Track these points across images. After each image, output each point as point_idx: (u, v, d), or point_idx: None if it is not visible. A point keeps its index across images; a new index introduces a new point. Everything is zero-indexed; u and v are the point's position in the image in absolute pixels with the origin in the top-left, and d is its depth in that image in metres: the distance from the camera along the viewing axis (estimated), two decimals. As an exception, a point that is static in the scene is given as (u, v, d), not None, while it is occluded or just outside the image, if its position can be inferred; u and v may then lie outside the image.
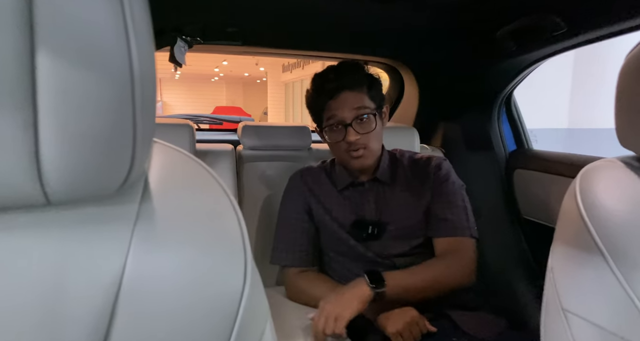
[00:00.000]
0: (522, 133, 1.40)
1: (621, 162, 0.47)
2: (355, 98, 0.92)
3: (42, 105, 0.22)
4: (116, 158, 0.25)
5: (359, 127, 0.92)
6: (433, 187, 0.97)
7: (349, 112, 0.92)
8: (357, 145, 0.92)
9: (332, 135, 0.95)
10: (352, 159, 0.94)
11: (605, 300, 0.40)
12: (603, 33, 0.88)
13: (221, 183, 0.37)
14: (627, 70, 0.45)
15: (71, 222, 0.27)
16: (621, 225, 0.41)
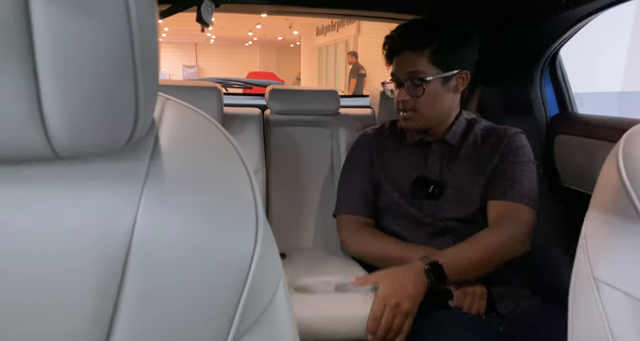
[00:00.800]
0: (566, 96, 1.30)
1: None
2: (412, 61, 0.92)
3: (40, 55, 0.21)
4: (118, 111, 0.25)
5: (410, 88, 0.93)
6: (501, 154, 0.95)
7: (403, 72, 0.93)
8: (405, 106, 0.94)
9: (390, 91, 1.01)
10: (402, 118, 0.97)
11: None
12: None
13: (233, 142, 0.36)
14: None
15: (80, 176, 0.27)
16: None
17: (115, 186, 0.28)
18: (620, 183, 0.40)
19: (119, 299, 0.27)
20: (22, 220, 0.26)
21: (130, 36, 0.23)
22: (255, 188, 0.33)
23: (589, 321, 0.41)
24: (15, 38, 0.21)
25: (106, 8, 0.22)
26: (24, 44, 0.21)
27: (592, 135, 1.11)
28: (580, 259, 0.44)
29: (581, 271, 0.43)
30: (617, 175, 0.41)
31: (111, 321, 0.27)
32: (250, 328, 0.31)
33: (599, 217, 0.43)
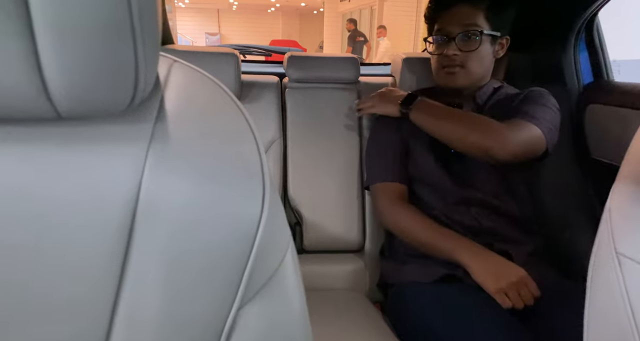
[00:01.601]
0: (602, 63, 1.22)
1: None
2: (468, 13, 0.90)
3: (35, 12, 0.20)
4: (117, 71, 0.24)
5: (462, 43, 0.91)
6: (521, 100, 0.95)
7: (457, 26, 0.91)
8: (454, 61, 0.92)
9: (434, 47, 0.96)
10: (446, 75, 0.94)
11: None
12: None
13: (240, 107, 0.35)
14: None
15: (85, 138, 0.27)
16: None
17: (119, 148, 0.27)
18: None
19: (126, 260, 0.27)
20: (25, 178, 0.26)
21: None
22: (262, 154, 0.33)
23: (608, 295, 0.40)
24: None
25: None
26: (17, 4, 0.20)
27: (627, 105, 1.04)
28: (602, 232, 0.43)
29: (603, 244, 0.42)
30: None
31: (119, 283, 0.27)
32: (258, 293, 0.32)
33: (626, 189, 0.41)
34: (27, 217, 0.26)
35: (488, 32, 0.91)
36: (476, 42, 0.91)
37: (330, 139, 1.18)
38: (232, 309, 0.30)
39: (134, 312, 0.28)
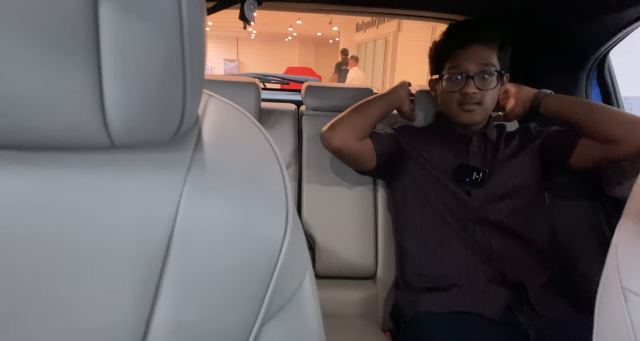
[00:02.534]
0: (614, 100, 1.24)
1: None
2: (485, 53, 0.95)
3: (105, 55, 0.24)
4: (169, 106, 0.27)
5: (480, 82, 0.95)
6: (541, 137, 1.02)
7: (475, 65, 0.94)
8: (473, 99, 0.95)
9: (450, 84, 0.98)
10: (463, 112, 0.97)
11: None
12: None
13: (268, 137, 0.38)
14: None
15: (133, 164, 0.30)
16: None
17: (162, 174, 0.30)
18: None
19: (161, 277, 0.29)
20: (76, 202, 0.28)
21: (182, 39, 0.25)
22: (286, 182, 0.35)
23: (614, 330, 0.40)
24: (83, 35, 0.23)
25: (162, 12, 0.24)
26: (90, 41, 0.23)
27: None
28: (609, 267, 0.43)
29: (610, 279, 0.43)
30: None
31: (153, 299, 0.29)
32: (278, 312, 0.33)
33: (631, 225, 0.42)
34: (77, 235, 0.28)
35: (501, 71, 0.96)
36: (494, 81, 0.95)
37: (344, 166, 1.21)
38: (255, 326, 0.32)
39: (166, 325, 0.30)
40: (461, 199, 0.95)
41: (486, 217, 0.93)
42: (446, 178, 0.98)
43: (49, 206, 0.28)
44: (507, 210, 0.94)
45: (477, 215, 0.94)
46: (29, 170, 0.28)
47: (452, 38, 0.99)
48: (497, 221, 0.93)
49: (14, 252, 0.27)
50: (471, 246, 0.93)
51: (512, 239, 0.93)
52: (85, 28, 0.23)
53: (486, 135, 1.02)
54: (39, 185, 0.28)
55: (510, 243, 0.93)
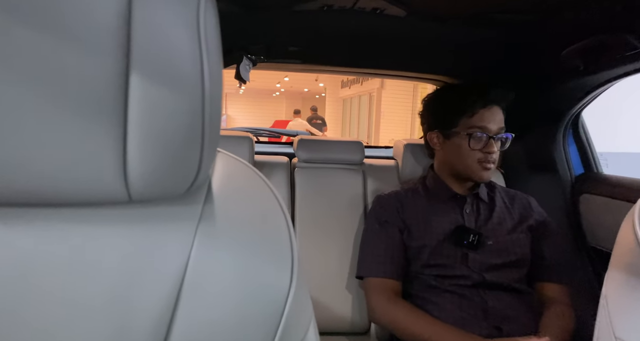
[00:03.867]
0: (590, 156, 1.32)
1: None
2: (501, 116, 1.00)
3: (132, 119, 0.26)
4: (187, 164, 0.29)
5: (498, 142, 0.99)
6: (536, 225, 1.03)
7: (496, 126, 0.98)
8: (492, 157, 0.98)
9: (475, 142, 0.98)
10: (483, 170, 0.99)
11: None
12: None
13: (274, 190, 0.40)
14: None
15: (146, 218, 0.31)
16: None
17: (174, 227, 0.31)
18: (637, 245, 0.41)
19: (171, 325, 0.30)
20: (93, 257, 0.29)
21: (203, 102, 0.28)
22: (292, 233, 0.37)
23: None
24: (112, 98, 0.25)
25: (187, 78, 0.27)
26: (119, 103, 0.25)
27: (618, 196, 1.11)
28: (601, 318, 0.44)
29: (602, 330, 0.43)
30: (633, 237, 0.42)
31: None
32: None
33: (619, 276, 0.44)
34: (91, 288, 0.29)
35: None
36: (508, 142, 1.01)
37: (337, 218, 1.22)
38: None
39: None
40: (458, 265, 0.96)
41: (484, 280, 0.94)
42: (444, 244, 0.98)
43: (64, 262, 0.28)
44: (505, 276, 0.96)
45: (475, 279, 0.95)
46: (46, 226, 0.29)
47: (475, 96, 0.99)
48: (494, 282, 0.94)
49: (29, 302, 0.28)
50: (467, 304, 0.93)
51: (507, 296, 0.94)
52: (116, 92, 0.25)
53: (479, 196, 1.05)
54: (55, 240, 0.28)
55: (506, 300, 0.93)
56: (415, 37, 1.12)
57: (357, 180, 1.27)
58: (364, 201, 1.26)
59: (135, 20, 0.25)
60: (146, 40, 0.25)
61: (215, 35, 0.29)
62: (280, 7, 0.97)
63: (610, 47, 0.91)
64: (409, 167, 1.25)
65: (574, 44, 0.98)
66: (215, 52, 0.29)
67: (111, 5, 0.25)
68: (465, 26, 1.03)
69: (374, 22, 1.03)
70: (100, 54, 0.24)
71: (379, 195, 1.12)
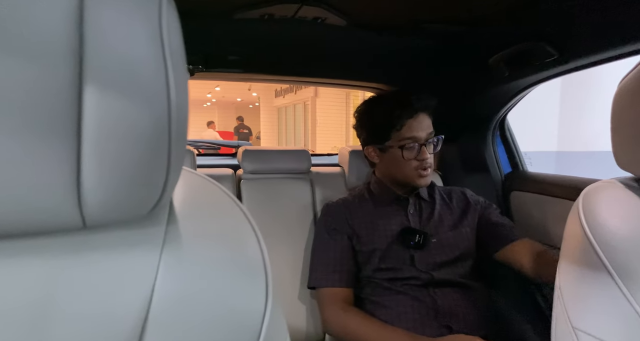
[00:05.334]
0: (516, 156, 1.43)
1: (620, 182, 0.49)
2: (428, 122, 1.04)
3: (86, 136, 0.23)
4: (150, 184, 0.27)
5: (429, 147, 1.03)
6: (479, 210, 1.08)
7: (425, 132, 1.02)
8: (427, 163, 1.02)
9: (408, 153, 1.02)
10: (421, 177, 1.03)
11: (615, 317, 0.40)
12: (592, 60, 0.92)
13: (239, 204, 0.38)
14: (620, 98, 0.48)
15: (103, 245, 0.28)
16: (626, 243, 0.42)
17: (136, 252, 0.28)
18: (586, 239, 0.45)
19: None
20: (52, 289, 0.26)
21: (169, 117, 0.25)
22: (263, 250, 0.35)
23: None
24: (64, 122, 0.22)
25: (151, 92, 0.24)
26: (71, 128, 0.22)
27: (544, 192, 1.21)
28: (557, 309, 0.47)
29: (560, 321, 0.46)
30: (581, 231, 0.46)
31: None
32: None
33: (570, 268, 0.46)
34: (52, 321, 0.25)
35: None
36: (440, 144, 1.06)
37: (287, 228, 1.20)
38: None
39: None
40: (407, 266, 0.99)
41: (432, 279, 0.98)
42: (392, 247, 1.01)
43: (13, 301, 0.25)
44: (451, 272, 1.00)
45: (424, 279, 0.98)
46: None
47: (399, 108, 1.01)
48: (442, 280, 0.98)
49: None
50: (418, 305, 0.96)
51: (456, 293, 0.98)
52: (66, 105, 0.22)
53: (420, 196, 1.09)
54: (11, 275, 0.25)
55: (454, 297, 0.97)
56: (354, 46, 1.15)
57: (305, 189, 1.26)
58: (313, 209, 1.25)
59: (87, 22, 0.22)
60: (101, 45, 0.22)
61: (179, 39, 0.27)
62: (219, 15, 0.95)
63: (531, 55, 1.00)
64: (355, 173, 1.27)
65: (499, 53, 1.06)
66: (180, 57, 0.27)
67: (58, 5, 0.22)
68: (402, 35, 1.07)
69: (315, 31, 1.04)
70: (47, 62, 0.21)
71: (326, 203, 1.13)
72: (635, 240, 0.41)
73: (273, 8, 0.91)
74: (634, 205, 0.44)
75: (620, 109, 0.48)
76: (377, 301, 0.99)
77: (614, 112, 0.49)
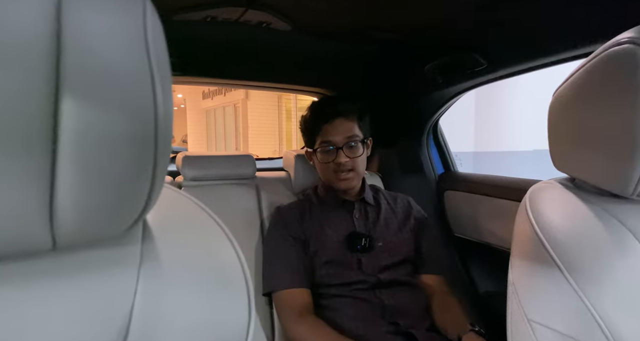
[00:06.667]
0: (448, 157, 1.53)
1: (558, 183, 0.55)
2: (348, 126, 1.05)
3: (63, 149, 0.21)
4: (133, 199, 0.25)
5: (348, 151, 1.05)
6: (416, 223, 1.12)
7: (341, 137, 1.04)
8: (346, 167, 1.04)
9: (324, 156, 1.06)
10: (339, 180, 1.06)
11: (565, 308, 0.44)
12: (516, 70, 1.01)
13: (213, 216, 0.37)
14: (555, 106, 0.53)
15: (75, 269, 0.26)
16: (571, 240, 0.46)
17: (111, 273, 0.27)
18: (535, 236, 0.48)
19: None
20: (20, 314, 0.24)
21: (155, 129, 0.24)
22: (242, 261, 0.34)
23: None
24: (37, 137, 0.20)
25: (137, 104, 0.23)
26: (46, 143, 0.20)
27: (474, 191, 1.31)
28: (512, 303, 0.50)
29: (515, 314, 0.49)
30: (530, 229, 0.50)
31: None
32: None
33: (522, 265, 0.50)
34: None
35: (364, 139, 1.08)
36: (360, 148, 1.06)
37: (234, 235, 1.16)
38: None
39: None
40: (354, 271, 1.01)
41: (379, 281, 1.01)
42: (340, 251, 1.02)
43: None
44: (396, 273, 1.04)
45: (371, 282, 1.00)
46: None
47: (318, 114, 1.08)
48: (388, 281, 1.02)
49: None
50: (367, 306, 0.98)
51: (401, 291, 1.02)
52: (41, 117, 0.20)
53: (365, 200, 1.11)
54: None
55: (400, 295, 1.01)
56: (298, 51, 1.15)
57: (250, 195, 1.24)
58: (260, 216, 1.23)
59: (66, 25, 0.20)
60: (81, 49, 0.20)
61: (163, 45, 0.26)
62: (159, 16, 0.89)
63: (464, 64, 1.08)
64: (301, 177, 1.27)
65: (435, 61, 1.13)
66: (165, 64, 0.25)
67: (34, 8, 0.19)
68: (344, 41, 1.10)
69: (259, 35, 1.03)
70: (19, 68, 0.19)
71: (278, 207, 1.12)
72: (579, 236, 0.46)
73: (217, 11, 0.89)
74: (573, 204, 0.49)
75: (555, 117, 0.53)
76: (325, 305, 1.00)
77: (550, 120, 0.54)
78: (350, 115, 1.06)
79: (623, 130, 0.42)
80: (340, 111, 1.06)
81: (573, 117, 0.50)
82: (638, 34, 0.42)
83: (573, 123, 0.50)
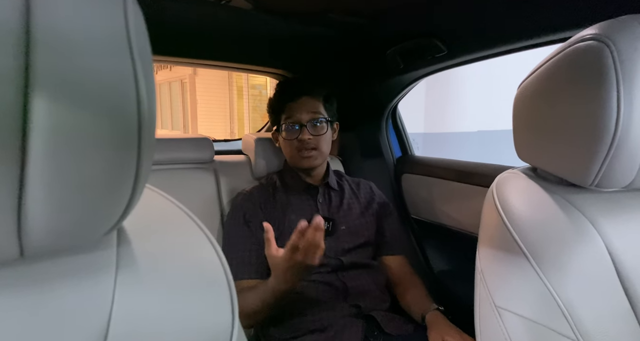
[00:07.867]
0: (405, 141, 1.56)
1: (522, 172, 0.57)
2: (313, 104, 1.06)
3: (33, 149, 0.18)
4: (112, 204, 0.23)
5: (312, 129, 1.05)
6: (378, 208, 1.14)
7: (306, 114, 1.05)
8: (309, 144, 1.04)
9: (288, 133, 1.07)
10: (302, 159, 1.05)
11: (531, 294, 0.46)
12: (476, 56, 1.04)
13: (190, 214, 0.35)
14: (520, 98, 0.55)
15: (47, 277, 0.24)
16: (536, 228, 0.49)
17: (86, 281, 0.25)
18: (502, 224, 0.51)
19: None
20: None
21: (139, 129, 0.22)
22: (224, 262, 0.33)
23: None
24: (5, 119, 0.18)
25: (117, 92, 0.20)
26: (14, 127, 0.18)
27: (429, 174, 1.35)
28: (480, 290, 0.52)
29: (483, 301, 0.51)
30: (497, 217, 0.52)
31: None
32: None
33: (490, 252, 0.52)
34: None
35: (329, 119, 1.09)
36: (324, 127, 1.07)
37: None
38: None
39: None
40: None
41: (341, 264, 1.02)
42: None
43: None
44: (357, 255, 1.06)
45: (334, 265, 1.02)
46: None
47: (284, 93, 1.09)
48: (350, 264, 1.03)
49: None
50: (329, 289, 0.99)
51: (362, 274, 1.04)
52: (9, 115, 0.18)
53: (329, 185, 1.13)
54: None
55: (361, 278, 1.04)
56: (258, 31, 1.11)
57: (208, 179, 1.19)
58: (219, 202, 1.19)
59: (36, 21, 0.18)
60: (55, 47, 0.18)
61: (145, 38, 0.23)
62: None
63: (424, 50, 1.09)
64: (262, 162, 1.24)
65: (396, 46, 1.13)
66: (148, 59, 0.23)
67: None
68: (306, 23, 1.07)
69: (219, 13, 0.97)
70: None
71: (239, 192, 1.10)
72: (542, 225, 0.48)
73: None
74: (537, 193, 0.52)
75: (519, 110, 0.55)
76: None
77: (515, 112, 0.56)
78: (316, 95, 1.07)
79: (585, 123, 0.45)
80: (305, 90, 1.06)
81: (537, 110, 0.52)
82: (601, 31, 0.44)
83: (537, 115, 0.52)
